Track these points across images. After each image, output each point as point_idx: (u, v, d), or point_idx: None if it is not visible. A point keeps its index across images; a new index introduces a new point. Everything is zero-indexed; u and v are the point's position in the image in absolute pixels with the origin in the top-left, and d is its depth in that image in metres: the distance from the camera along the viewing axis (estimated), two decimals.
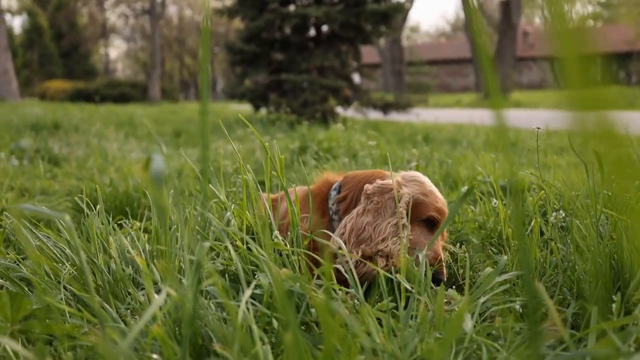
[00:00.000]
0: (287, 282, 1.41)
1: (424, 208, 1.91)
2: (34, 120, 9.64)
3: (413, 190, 1.94)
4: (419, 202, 1.91)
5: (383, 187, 1.94)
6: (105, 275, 1.67)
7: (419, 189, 1.95)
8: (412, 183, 1.97)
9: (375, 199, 1.92)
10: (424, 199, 1.92)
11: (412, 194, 1.92)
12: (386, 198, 1.92)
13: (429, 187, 1.97)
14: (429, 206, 1.91)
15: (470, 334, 1.33)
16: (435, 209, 1.91)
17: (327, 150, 5.40)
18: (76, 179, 4.45)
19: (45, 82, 40.43)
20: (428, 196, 1.93)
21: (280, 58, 12.70)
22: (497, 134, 0.71)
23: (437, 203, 1.93)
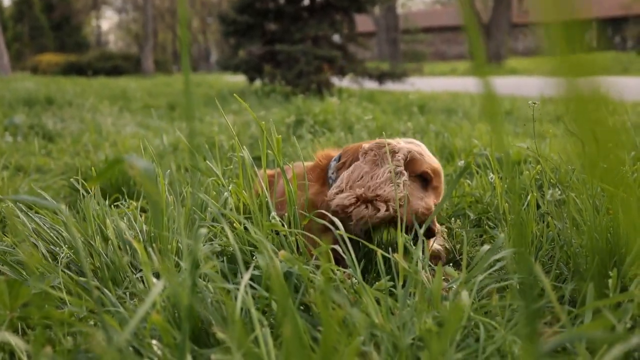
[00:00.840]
0: (285, 264, 1.42)
1: (418, 164, 1.93)
2: (26, 95, 9.56)
3: (411, 147, 1.97)
4: (414, 159, 1.93)
5: (380, 143, 1.97)
6: (102, 257, 1.67)
7: (416, 147, 1.98)
8: (410, 143, 2.02)
9: (372, 152, 1.95)
10: (419, 156, 1.94)
11: (409, 149, 1.95)
12: (383, 151, 1.94)
13: (425, 150, 2.01)
14: (424, 163, 1.93)
15: (468, 312, 1.34)
16: (429, 167, 1.93)
17: (323, 123, 5.38)
18: (71, 155, 4.43)
19: (36, 55, 40.02)
20: (424, 155, 1.96)
21: (274, 28, 12.57)
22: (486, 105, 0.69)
23: (432, 163, 1.95)
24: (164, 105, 10.09)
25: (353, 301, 1.43)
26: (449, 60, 45.17)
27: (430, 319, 1.35)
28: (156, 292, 0.95)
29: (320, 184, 2.09)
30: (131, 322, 0.90)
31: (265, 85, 12.18)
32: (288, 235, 1.69)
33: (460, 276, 1.52)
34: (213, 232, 1.93)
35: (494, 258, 1.56)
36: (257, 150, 4.44)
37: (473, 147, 3.52)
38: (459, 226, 2.22)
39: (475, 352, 1.26)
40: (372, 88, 12.73)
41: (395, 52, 35.44)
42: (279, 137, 1.87)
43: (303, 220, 1.84)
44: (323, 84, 11.38)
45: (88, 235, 1.75)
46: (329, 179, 2.07)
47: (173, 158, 4.40)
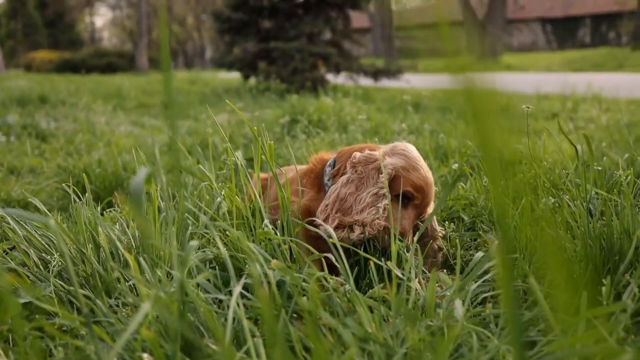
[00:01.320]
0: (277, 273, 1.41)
1: (400, 183, 1.90)
2: (19, 94, 9.53)
3: (396, 163, 1.93)
4: (397, 176, 1.90)
5: (368, 158, 1.95)
6: (95, 265, 1.66)
7: (402, 162, 1.93)
8: (398, 156, 1.96)
9: (360, 168, 1.93)
10: (403, 173, 1.91)
11: (395, 166, 1.91)
12: (370, 168, 1.92)
13: (413, 162, 1.95)
14: (407, 181, 1.90)
15: (462, 321, 1.34)
16: (411, 185, 1.89)
17: (318, 123, 5.37)
18: (64, 156, 4.41)
19: (30, 52, 39.86)
20: (409, 171, 1.91)
21: (269, 26, 12.54)
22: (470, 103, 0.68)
23: (416, 179, 1.91)
24: (159, 103, 10.06)
25: (346, 310, 1.43)
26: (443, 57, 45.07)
27: (423, 329, 1.34)
28: (143, 313, 0.94)
29: (316, 191, 2.08)
30: (119, 340, 0.89)
31: (260, 83, 12.17)
32: (281, 243, 1.69)
33: (454, 283, 1.51)
34: (206, 238, 1.92)
35: (488, 265, 1.56)
36: (251, 151, 4.43)
37: (468, 148, 3.52)
38: (452, 230, 2.21)
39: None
40: (367, 85, 12.72)
41: (390, 49, 35.39)
42: (271, 143, 1.86)
43: (296, 227, 1.84)
44: (318, 81, 11.37)
45: (80, 243, 1.73)
46: (325, 185, 2.07)
47: (167, 159, 4.38)
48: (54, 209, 2.84)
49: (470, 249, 2.19)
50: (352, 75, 12.38)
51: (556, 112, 6.77)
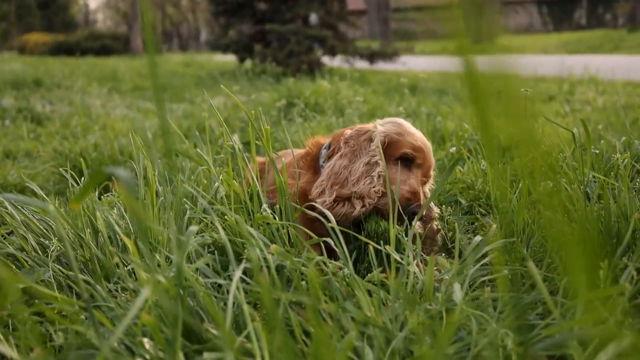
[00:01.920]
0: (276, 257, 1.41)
1: (398, 146, 1.90)
2: (13, 77, 9.47)
3: (388, 129, 1.93)
4: (393, 141, 1.91)
5: (359, 130, 1.97)
6: (93, 250, 1.66)
7: (394, 128, 1.94)
8: (390, 124, 1.97)
9: (352, 142, 1.94)
10: (398, 137, 1.91)
11: (387, 133, 1.92)
12: (362, 140, 1.93)
13: (407, 128, 1.95)
14: (403, 144, 1.90)
15: (460, 305, 1.34)
16: (409, 146, 1.89)
17: (314, 106, 5.36)
18: (60, 139, 4.39)
19: (23, 34, 39.54)
20: (403, 135, 1.92)
21: (264, 8, 12.45)
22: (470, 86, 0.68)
23: (413, 141, 1.91)
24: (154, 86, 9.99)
25: (345, 294, 1.43)
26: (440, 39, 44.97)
27: (422, 312, 1.35)
28: (143, 298, 0.94)
29: (312, 173, 2.08)
30: (119, 325, 0.89)
31: (256, 66, 12.11)
32: (279, 228, 1.69)
33: (453, 267, 1.52)
34: (204, 222, 1.91)
35: (486, 249, 1.56)
36: (247, 135, 4.42)
37: (464, 132, 3.52)
38: (449, 213, 2.22)
39: (468, 346, 1.26)
40: (363, 68, 12.68)
41: (386, 31, 35.21)
42: (267, 128, 1.86)
43: (294, 212, 1.83)
44: (314, 63, 11.32)
45: (78, 228, 1.73)
46: (321, 167, 2.07)
47: (163, 142, 4.37)
48: (51, 193, 2.83)
49: (468, 232, 2.19)
50: (348, 58, 12.35)
51: (553, 95, 6.76)
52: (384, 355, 1.21)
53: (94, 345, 1.21)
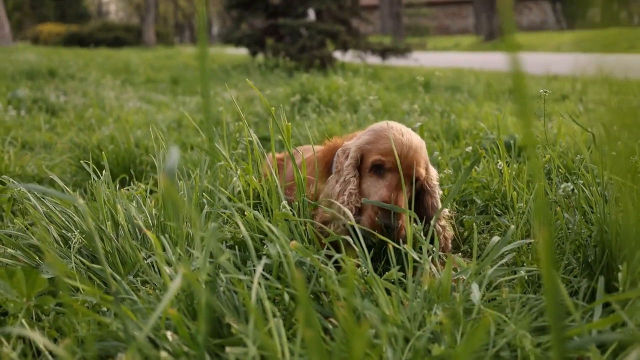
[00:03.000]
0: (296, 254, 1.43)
1: (368, 156, 1.90)
2: (28, 67, 9.52)
3: (361, 142, 1.93)
4: (365, 152, 1.91)
5: (343, 150, 1.98)
6: (114, 242, 1.68)
7: (368, 138, 1.93)
8: (367, 133, 1.96)
9: (338, 162, 1.97)
10: (369, 147, 1.90)
11: (359, 146, 1.92)
12: (342, 159, 1.95)
13: (381, 134, 1.92)
14: (372, 152, 1.89)
15: (478, 305, 1.36)
16: (377, 153, 1.87)
17: (328, 101, 5.36)
18: (76, 131, 4.43)
19: (37, 25, 39.71)
20: (374, 143, 1.90)
21: (277, 2, 12.44)
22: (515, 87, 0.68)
23: (381, 146, 1.88)
24: (167, 79, 10.03)
25: (364, 292, 1.44)
26: (452, 35, 44.82)
27: (440, 311, 1.36)
28: (174, 289, 0.96)
29: (325, 181, 2.09)
30: (151, 318, 0.91)
31: (268, 60, 12.11)
32: (298, 224, 1.70)
33: (470, 267, 1.53)
34: (222, 218, 1.93)
35: (504, 249, 1.57)
36: (262, 130, 4.43)
37: (479, 130, 3.51)
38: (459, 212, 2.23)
39: (486, 346, 1.27)
40: (375, 63, 12.66)
41: (398, 27, 35.12)
42: (288, 125, 1.87)
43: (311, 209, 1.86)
44: (326, 58, 11.32)
45: (99, 220, 1.75)
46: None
47: (177, 135, 4.40)
48: (69, 185, 2.86)
49: (484, 232, 2.20)
50: (360, 54, 12.33)
51: (566, 94, 6.73)
52: (402, 354, 1.23)
53: (118, 337, 1.23)
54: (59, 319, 1.43)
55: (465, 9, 47.76)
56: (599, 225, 1.64)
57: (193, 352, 1.14)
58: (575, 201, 1.90)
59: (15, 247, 1.67)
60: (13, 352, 1.22)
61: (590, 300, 1.52)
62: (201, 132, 2.70)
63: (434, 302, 1.41)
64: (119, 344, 1.23)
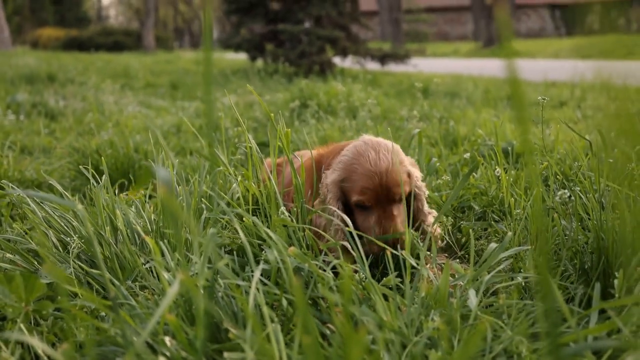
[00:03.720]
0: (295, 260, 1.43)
1: (349, 195, 1.90)
2: (28, 71, 9.52)
3: (335, 179, 1.92)
4: (344, 190, 1.91)
5: (324, 179, 1.96)
6: (112, 247, 1.69)
7: (341, 174, 1.91)
8: (339, 165, 1.93)
9: (321, 192, 1.96)
10: (345, 185, 1.90)
11: (335, 183, 1.91)
12: (325, 191, 1.93)
13: (351, 166, 1.89)
14: (351, 191, 1.89)
15: (475, 311, 1.36)
16: (356, 192, 1.87)
17: (327, 107, 5.38)
18: (75, 135, 4.44)
19: (37, 29, 39.76)
20: (350, 179, 1.89)
21: (277, 7, 12.48)
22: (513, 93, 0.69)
23: (357, 185, 1.87)
24: (167, 84, 10.04)
25: (362, 298, 1.45)
26: (451, 41, 44.93)
27: (437, 317, 1.37)
28: (172, 295, 0.96)
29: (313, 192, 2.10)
30: (149, 323, 0.92)
31: (268, 65, 12.14)
32: (297, 230, 1.71)
33: (467, 273, 1.53)
34: (221, 223, 1.94)
35: (502, 256, 1.58)
36: (260, 135, 4.44)
37: (477, 137, 3.52)
38: (462, 219, 2.23)
39: (482, 351, 1.27)
40: (374, 69, 12.69)
41: (398, 33, 35.19)
42: (288, 131, 1.88)
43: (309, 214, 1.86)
44: (325, 64, 11.34)
45: (98, 225, 1.76)
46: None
47: (176, 140, 4.40)
48: (68, 189, 2.86)
49: (481, 238, 2.21)
50: (359, 59, 12.36)
51: (564, 101, 6.75)
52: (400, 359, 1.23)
53: (116, 342, 1.23)
54: (57, 323, 1.43)
55: (464, 16, 47.91)
56: (595, 232, 1.65)
57: (191, 358, 1.15)
58: (572, 208, 1.91)
59: (14, 251, 1.67)
60: (12, 357, 1.23)
61: (586, 306, 1.53)
62: (200, 137, 2.72)
63: (431, 308, 1.42)
64: (117, 349, 1.24)
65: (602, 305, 1.34)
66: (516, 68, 0.77)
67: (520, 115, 0.84)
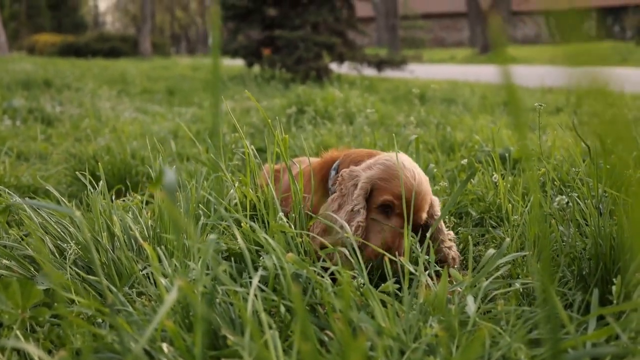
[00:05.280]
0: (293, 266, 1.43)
1: (379, 193, 1.87)
2: (24, 77, 9.52)
3: (372, 175, 1.89)
4: (376, 187, 1.88)
5: (350, 174, 1.93)
6: (109, 254, 1.68)
7: (380, 172, 1.89)
8: (378, 166, 1.91)
9: (342, 186, 1.92)
10: (380, 184, 1.87)
11: (371, 178, 1.88)
12: (349, 185, 1.91)
13: (393, 171, 1.88)
14: (384, 190, 1.86)
15: (473, 317, 1.36)
16: (390, 194, 1.85)
17: (324, 113, 5.38)
18: (71, 141, 4.43)
19: (33, 35, 39.75)
20: (387, 180, 1.87)
21: (274, 14, 12.50)
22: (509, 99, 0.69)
23: (395, 187, 1.85)
24: (163, 89, 10.04)
25: (360, 304, 1.45)
26: (448, 47, 45.07)
27: (436, 323, 1.37)
28: (170, 301, 0.96)
29: (321, 194, 2.08)
30: (147, 330, 0.91)
31: (265, 71, 12.15)
32: (295, 237, 1.71)
33: (466, 279, 1.53)
34: (218, 229, 1.93)
35: (500, 262, 1.58)
36: (258, 141, 4.44)
37: (474, 143, 3.53)
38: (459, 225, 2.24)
39: (481, 358, 1.27)
40: (371, 75, 12.72)
41: (394, 39, 35.31)
42: (286, 137, 1.88)
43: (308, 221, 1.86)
44: (322, 70, 11.36)
45: (95, 231, 1.75)
46: (329, 190, 2.08)
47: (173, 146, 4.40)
48: (64, 195, 2.85)
49: (479, 244, 2.21)
50: (356, 65, 12.39)
51: (560, 107, 6.77)
52: None
53: (114, 349, 1.23)
54: (53, 330, 1.42)
55: (460, 22, 48.09)
56: (593, 238, 1.65)
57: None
58: (569, 214, 1.91)
59: (10, 258, 1.67)
60: None
61: (584, 313, 1.53)
62: (197, 143, 2.72)
63: (429, 314, 1.42)
64: (114, 356, 1.23)
65: (600, 312, 1.34)
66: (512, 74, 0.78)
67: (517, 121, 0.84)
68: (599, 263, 1.60)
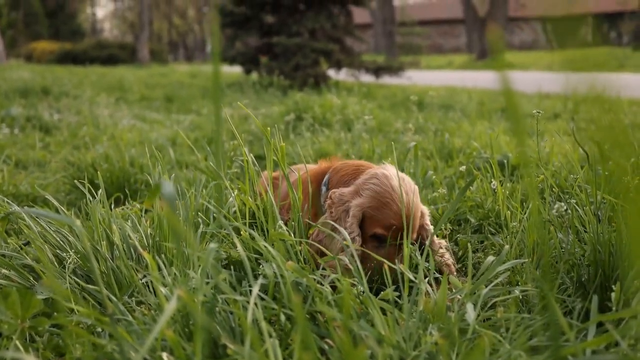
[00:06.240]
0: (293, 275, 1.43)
1: (371, 223, 1.86)
2: (22, 85, 9.51)
3: (363, 203, 1.87)
4: (367, 216, 1.87)
5: (340, 199, 1.92)
6: (109, 262, 1.68)
7: (370, 201, 1.87)
8: (368, 191, 1.89)
9: (333, 210, 1.91)
10: (371, 212, 1.86)
11: (362, 207, 1.87)
12: (340, 210, 1.90)
13: (383, 197, 1.86)
14: (376, 222, 1.86)
15: (473, 325, 1.36)
16: (381, 226, 1.84)
17: (322, 120, 5.39)
18: (70, 149, 4.43)
19: (31, 43, 39.78)
20: (378, 209, 1.86)
21: (272, 21, 12.53)
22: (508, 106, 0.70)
23: (385, 218, 1.84)
24: (161, 97, 10.04)
25: (359, 312, 1.45)
26: (445, 54, 45.17)
27: (436, 331, 1.37)
28: (170, 311, 0.96)
29: (314, 213, 2.07)
30: (147, 340, 0.91)
31: (263, 78, 12.17)
32: (294, 245, 1.71)
33: (465, 287, 1.53)
34: (217, 237, 1.94)
35: (499, 269, 1.58)
36: (256, 148, 4.45)
37: (473, 150, 3.53)
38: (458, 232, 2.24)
39: None
40: (369, 81, 12.74)
41: (392, 45, 35.40)
42: (282, 145, 1.88)
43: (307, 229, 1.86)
44: (320, 77, 11.38)
45: (94, 240, 1.75)
46: (322, 206, 2.07)
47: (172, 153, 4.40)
48: (63, 203, 2.85)
49: (478, 251, 2.21)
50: (353, 72, 12.40)
51: (558, 112, 6.78)
52: None
53: (113, 359, 1.23)
54: (53, 340, 1.42)
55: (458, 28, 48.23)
56: (592, 245, 1.66)
57: None
58: (568, 220, 1.91)
59: (9, 267, 1.66)
60: None
61: (584, 319, 1.53)
62: (196, 150, 2.72)
63: (429, 322, 1.42)
64: None
65: (599, 318, 1.34)
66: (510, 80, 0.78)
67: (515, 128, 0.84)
68: (598, 270, 1.60)
